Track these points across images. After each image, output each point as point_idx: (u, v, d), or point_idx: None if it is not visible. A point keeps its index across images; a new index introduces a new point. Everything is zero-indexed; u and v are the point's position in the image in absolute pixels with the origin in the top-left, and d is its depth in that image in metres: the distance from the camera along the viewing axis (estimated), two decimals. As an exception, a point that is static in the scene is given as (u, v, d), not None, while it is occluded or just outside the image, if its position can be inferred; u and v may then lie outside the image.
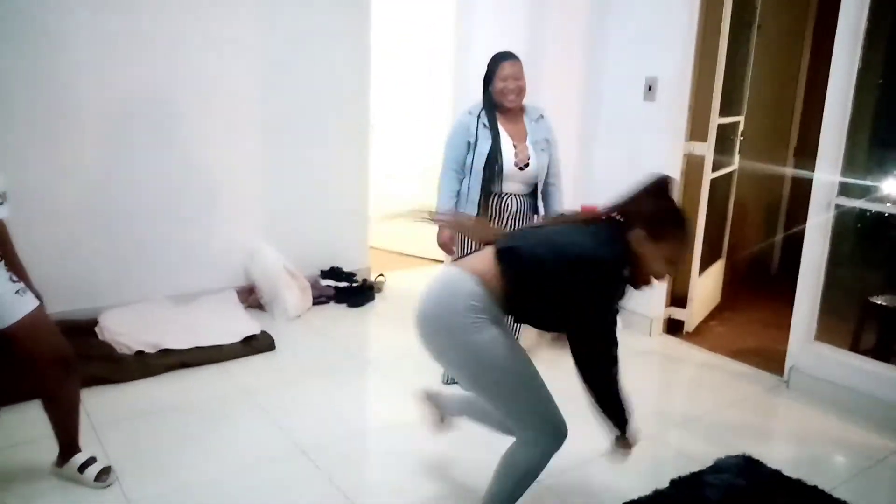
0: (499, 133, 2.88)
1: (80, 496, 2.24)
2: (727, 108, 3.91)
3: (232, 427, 2.73)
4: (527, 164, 2.91)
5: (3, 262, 2.10)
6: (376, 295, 4.40)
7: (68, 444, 2.30)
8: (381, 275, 4.64)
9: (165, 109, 3.68)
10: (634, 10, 3.82)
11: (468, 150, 2.90)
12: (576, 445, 2.66)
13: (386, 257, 5.19)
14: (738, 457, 2.57)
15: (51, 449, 2.31)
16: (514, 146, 2.90)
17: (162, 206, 3.73)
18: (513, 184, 2.95)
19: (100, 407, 2.78)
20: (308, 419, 2.81)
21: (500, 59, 2.88)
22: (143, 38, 3.55)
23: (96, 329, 3.37)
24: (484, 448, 2.63)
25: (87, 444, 2.39)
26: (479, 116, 2.89)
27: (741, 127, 4.25)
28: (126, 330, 3.32)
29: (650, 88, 3.77)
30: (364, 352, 3.73)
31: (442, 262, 3.54)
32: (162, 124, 3.67)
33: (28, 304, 2.10)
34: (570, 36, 3.87)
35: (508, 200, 2.96)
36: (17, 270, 2.14)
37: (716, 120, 3.77)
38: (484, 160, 2.87)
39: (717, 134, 3.81)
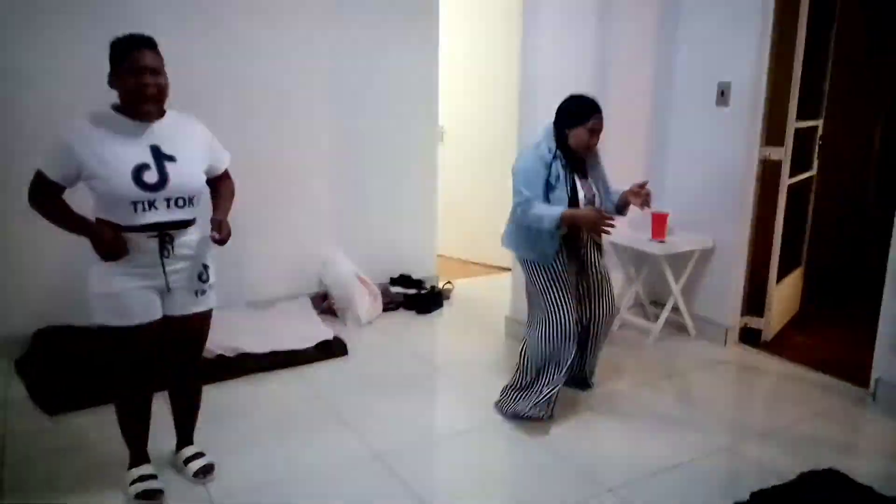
0: (575, 180, 2.79)
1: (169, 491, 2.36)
2: (805, 111, 3.79)
3: (308, 430, 2.82)
4: (592, 203, 2.84)
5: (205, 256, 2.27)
6: (444, 302, 4.46)
7: (182, 436, 2.49)
8: (449, 282, 4.69)
9: (238, 123, 3.83)
10: (704, 14, 3.76)
11: (546, 188, 2.76)
12: (649, 453, 2.65)
13: (453, 265, 5.25)
14: (824, 471, 2.48)
15: (111, 454, 2.46)
16: (582, 188, 2.82)
17: (239, 218, 3.87)
18: None
19: (186, 407, 2.91)
20: (381, 424, 2.87)
21: (592, 111, 2.73)
22: (220, 54, 3.73)
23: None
24: (551, 456, 2.64)
25: (173, 442, 2.52)
26: (556, 155, 2.75)
27: (820, 131, 4.11)
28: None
29: (723, 93, 3.70)
30: (434, 358, 3.78)
31: (509, 269, 3.53)
32: (235, 140, 3.81)
33: (200, 304, 2.27)
34: (638, 43, 3.84)
35: (581, 244, 2.92)
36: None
37: (793, 124, 3.66)
38: (565, 205, 2.75)
39: (795, 138, 3.70)
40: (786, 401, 3.20)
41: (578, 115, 2.73)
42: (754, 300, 3.89)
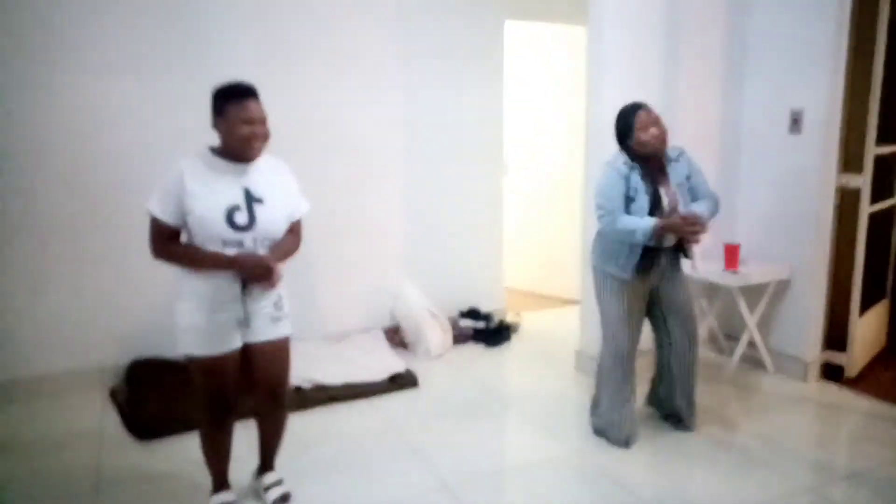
0: (658, 190, 2.77)
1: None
2: (885, 136, 3.67)
3: (381, 460, 2.89)
4: (675, 209, 2.79)
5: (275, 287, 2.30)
6: (513, 335, 4.48)
7: (264, 462, 2.60)
8: (518, 314, 4.71)
9: (314, 163, 4.00)
10: (774, 41, 3.71)
11: (627, 201, 2.77)
12: (727, 494, 2.57)
13: (522, 298, 5.27)
14: (915, 516, 2.36)
15: (198, 479, 2.57)
16: (666, 195, 2.80)
17: (317, 254, 4.05)
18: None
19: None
20: (451, 456, 2.91)
21: (635, 110, 2.77)
22: (300, 98, 3.94)
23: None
24: (623, 493, 2.60)
25: (252, 468, 2.63)
26: (632, 168, 2.76)
27: (903, 156, 3.96)
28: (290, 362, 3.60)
29: (795, 121, 3.63)
30: (503, 391, 3.79)
31: (578, 302, 3.53)
32: (311, 179, 3.99)
33: (277, 331, 2.37)
34: (705, 72, 3.82)
35: (660, 253, 2.85)
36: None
37: (872, 150, 3.55)
38: (645, 214, 2.75)
39: (875, 165, 3.59)
40: (873, 441, 3.05)
41: (625, 122, 2.80)
42: (836, 334, 3.75)
